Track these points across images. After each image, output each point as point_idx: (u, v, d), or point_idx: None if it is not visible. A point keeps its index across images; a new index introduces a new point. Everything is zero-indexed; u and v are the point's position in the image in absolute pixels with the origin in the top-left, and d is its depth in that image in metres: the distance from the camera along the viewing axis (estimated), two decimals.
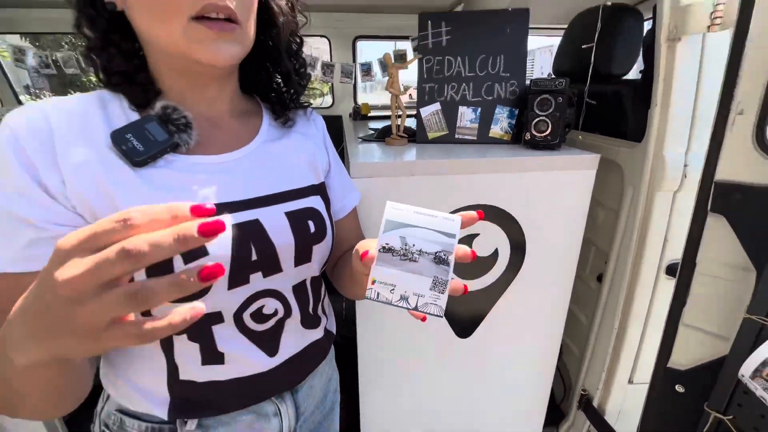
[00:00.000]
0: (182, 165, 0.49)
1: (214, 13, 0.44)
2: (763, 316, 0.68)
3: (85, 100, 0.48)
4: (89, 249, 0.25)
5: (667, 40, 0.84)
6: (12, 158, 0.41)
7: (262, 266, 0.51)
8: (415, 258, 0.38)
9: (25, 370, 0.32)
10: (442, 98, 1.11)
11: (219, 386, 0.53)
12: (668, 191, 0.90)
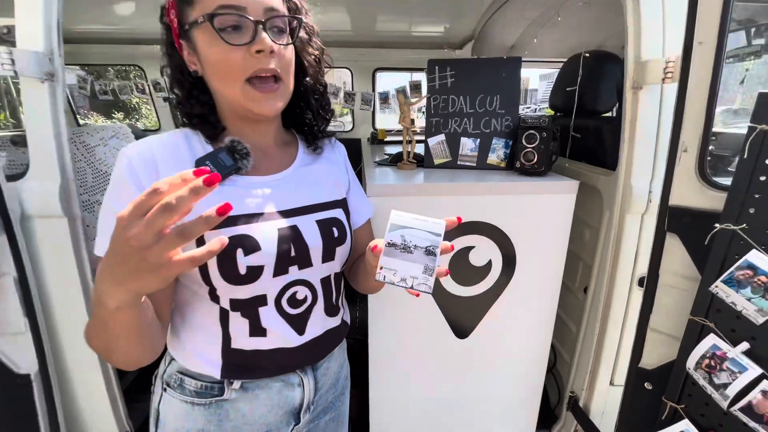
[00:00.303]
0: (242, 183, 0.68)
1: (265, 74, 0.63)
2: (703, 317, 0.82)
3: (175, 136, 0.68)
4: (139, 215, 0.38)
5: (631, 88, 1.02)
6: (128, 178, 0.60)
7: (298, 261, 0.69)
8: (412, 250, 0.55)
9: (116, 311, 0.45)
10: (447, 130, 1.30)
11: (260, 355, 0.70)
12: (636, 214, 1.05)
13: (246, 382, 0.71)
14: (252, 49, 0.59)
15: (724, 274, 0.76)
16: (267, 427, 0.73)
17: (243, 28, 0.59)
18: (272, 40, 0.60)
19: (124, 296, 0.44)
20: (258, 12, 0.59)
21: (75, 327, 1.06)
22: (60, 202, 0.96)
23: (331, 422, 0.85)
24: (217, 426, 0.70)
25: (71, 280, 1.02)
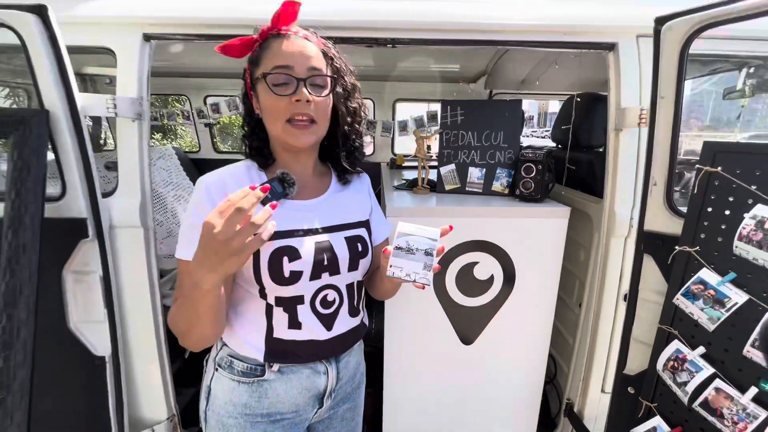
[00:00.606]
0: (288, 206, 0.88)
1: (300, 117, 0.82)
2: (669, 325, 0.96)
3: (240, 167, 0.89)
4: (221, 218, 0.58)
5: (614, 130, 1.19)
6: (206, 200, 0.81)
7: (329, 269, 0.87)
8: (414, 252, 0.73)
9: (207, 292, 0.64)
10: (457, 161, 1.49)
11: (295, 344, 0.87)
12: (620, 237, 1.21)
13: (283, 366, 0.87)
14: (293, 99, 0.77)
15: (683, 288, 0.91)
16: (296, 407, 0.89)
17: (289, 83, 0.78)
18: (310, 93, 0.79)
19: (215, 279, 0.64)
20: (302, 71, 0.78)
21: (141, 319, 1.27)
22: (139, 216, 1.19)
23: (348, 412, 1.00)
24: (257, 402, 0.86)
25: (141, 280, 1.24)
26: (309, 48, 0.78)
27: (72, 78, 1.02)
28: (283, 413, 0.88)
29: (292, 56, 0.76)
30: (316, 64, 0.79)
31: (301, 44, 0.78)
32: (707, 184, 0.88)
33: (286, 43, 0.77)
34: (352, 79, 0.90)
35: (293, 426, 0.90)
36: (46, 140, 1.00)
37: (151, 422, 1.35)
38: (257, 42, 0.81)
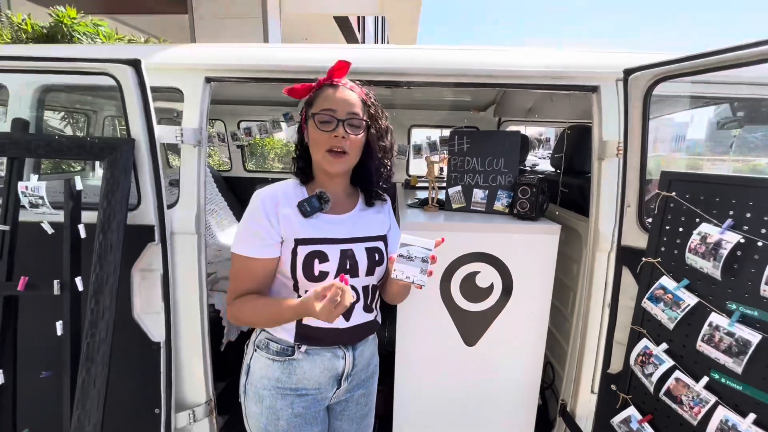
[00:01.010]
0: (323, 218, 1.09)
1: (336, 148, 1.04)
2: (639, 325, 1.13)
3: (287, 184, 1.11)
4: (320, 297, 0.87)
5: (597, 159, 1.39)
6: (261, 210, 1.03)
7: (350, 272, 1.07)
8: (413, 259, 0.94)
9: (291, 317, 0.94)
10: (463, 183, 1.71)
11: (320, 330, 1.06)
12: (604, 252, 1.38)
13: (309, 348, 1.06)
14: (332, 134, 1.00)
15: (648, 293, 1.08)
16: (318, 385, 1.07)
17: (331, 122, 1.00)
18: (346, 131, 1.01)
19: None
20: (343, 114, 1.00)
21: (189, 313, 1.49)
22: (195, 225, 1.43)
23: (362, 397, 1.19)
24: (287, 377, 1.05)
25: (192, 279, 1.47)
26: (351, 97, 1.01)
27: (153, 113, 1.29)
28: (308, 389, 1.06)
29: (336, 102, 0.99)
30: (355, 110, 1.01)
31: (346, 94, 1.01)
32: (665, 206, 1.06)
33: (335, 91, 1.01)
34: (386, 122, 1.11)
35: (315, 402, 1.08)
36: (132, 162, 1.27)
37: (191, 404, 1.55)
38: (315, 88, 1.05)
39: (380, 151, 1.10)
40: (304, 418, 1.06)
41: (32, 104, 1.44)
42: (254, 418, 1.06)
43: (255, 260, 1.00)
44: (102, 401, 1.16)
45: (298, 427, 1.05)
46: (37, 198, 1.22)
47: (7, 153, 1.21)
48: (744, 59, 0.91)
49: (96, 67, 1.19)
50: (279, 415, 1.04)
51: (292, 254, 1.01)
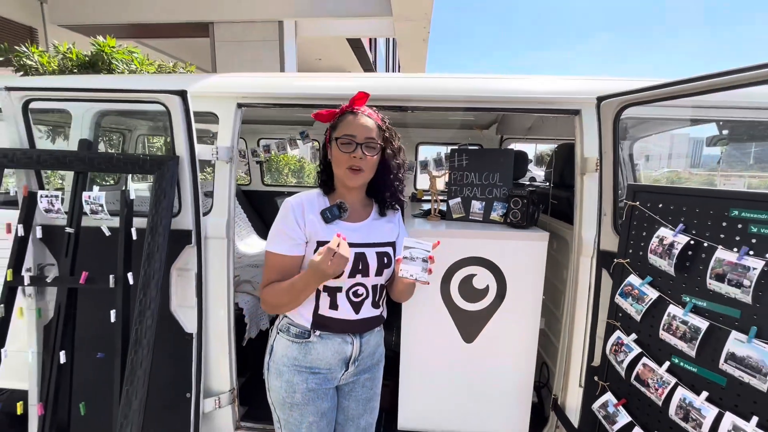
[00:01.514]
0: (341, 225, 1.28)
1: (355, 167, 1.24)
2: (613, 319, 1.28)
3: (312, 194, 1.31)
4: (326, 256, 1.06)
5: (579, 174, 1.56)
6: (291, 215, 1.23)
7: (362, 272, 1.25)
8: (415, 259, 1.12)
9: (311, 291, 1.14)
10: (462, 195, 1.89)
11: (332, 320, 1.23)
12: (587, 256, 1.54)
13: (323, 334, 1.22)
14: (351, 155, 1.20)
15: (619, 289, 1.24)
16: (329, 366, 1.23)
17: (351, 145, 1.20)
18: (364, 152, 1.20)
19: (317, 285, 1.12)
20: (361, 138, 1.19)
21: (218, 308, 1.69)
22: (225, 230, 1.65)
23: (367, 381, 1.34)
24: (303, 356, 1.21)
25: (222, 278, 1.67)
26: (369, 123, 1.20)
27: (194, 135, 1.52)
28: (320, 368, 1.22)
29: (356, 128, 1.18)
30: (371, 134, 1.20)
31: (365, 120, 1.20)
32: (631, 214, 1.23)
33: (355, 118, 1.20)
34: (398, 143, 1.30)
35: (326, 380, 1.24)
36: (176, 176, 1.49)
37: (217, 392, 1.74)
38: (338, 114, 1.26)
39: (394, 168, 1.29)
40: (316, 393, 1.22)
41: (91, 126, 1.70)
42: (275, 391, 1.22)
43: (285, 257, 1.19)
44: (147, 380, 1.36)
45: (311, 401, 1.21)
46: (97, 206, 1.45)
47: (74, 168, 1.45)
48: (694, 89, 1.09)
49: (151, 96, 1.43)
50: (295, 388, 1.20)
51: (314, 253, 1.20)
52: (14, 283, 1.43)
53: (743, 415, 0.96)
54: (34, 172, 1.51)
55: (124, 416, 1.29)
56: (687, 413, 1.05)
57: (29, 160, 1.44)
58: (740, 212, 0.98)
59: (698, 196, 1.06)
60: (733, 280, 0.96)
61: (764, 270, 0.92)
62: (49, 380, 1.41)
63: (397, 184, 1.31)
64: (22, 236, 1.45)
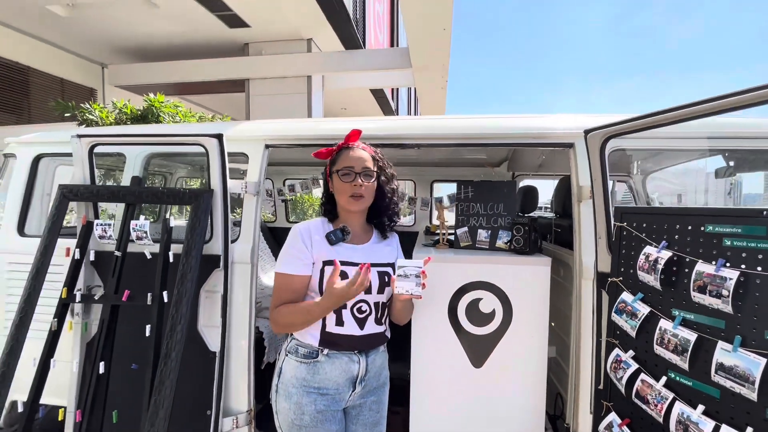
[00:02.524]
0: (345, 247, 1.42)
1: (355, 194, 1.38)
2: (612, 337, 1.32)
3: (318, 221, 1.47)
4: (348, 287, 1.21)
5: (576, 202, 1.66)
6: (299, 238, 1.38)
7: (365, 289, 1.38)
8: (409, 276, 1.23)
9: (325, 313, 1.25)
10: (469, 225, 2.01)
11: (339, 336, 1.33)
12: (588, 280, 1.59)
13: (330, 352, 1.30)
14: (352, 184, 1.36)
15: (614, 307, 1.29)
16: (337, 386, 1.30)
17: (350, 175, 1.37)
18: (362, 181, 1.36)
19: (331, 309, 1.24)
20: (359, 168, 1.36)
21: (240, 329, 1.82)
22: (250, 256, 1.82)
23: (374, 404, 1.41)
24: (312, 377, 1.28)
25: (245, 300, 1.82)
26: (364, 155, 1.38)
27: (227, 171, 1.75)
28: (328, 388, 1.29)
29: (353, 160, 1.36)
30: (367, 165, 1.37)
31: (360, 153, 1.38)
32: (620, 235, 1.31)
33: (351, 152, 1.38)
34: (392, 170, 1.47)
35: (334, 402, 1.31)
36: (210, 206, 1.70)
37: (235, 411, 1.82)
38: (335, 151, 1.45)
39: (389, 193, 1.45)
40: (325, 415, 1.27)
41: (141, 167, 1.97)
42: (283, 413, 1.28)
43: (294, 277, 1.32)
44: (173, 391, 1.48)
45: (320, 423, 1.26)
46: (142, 233, 1.67)
47: (127, 200, 1.69)
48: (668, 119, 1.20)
49: (194, 139, 1.68)
50: (304, 410, 1.26)
51: (320, 273, 1.33)
52: (67, 300, 1.63)
53: (738, 427, 0.98)
54: (92, 204, 1.76)
55: (151, 424, 1.40)
56: (686, 428, 1.07)
57: (91, 194, 1.70)
58: (714, 227, 1.05)
59: (677, 215, 1.15)
60: (713, 291, 1.02)
61: (740, 280, 0.98)
62: (87, 389, 1.56)
63: (393, 206, 1.46)
64: (77, 259, 1.67)
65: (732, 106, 0.99)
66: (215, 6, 6.52)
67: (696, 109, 1.03)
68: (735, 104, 0.98)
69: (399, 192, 1.51)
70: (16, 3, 5.92)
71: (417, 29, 6.32)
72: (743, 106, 0.99)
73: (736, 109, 1.02)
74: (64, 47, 7.71)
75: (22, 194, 2.08)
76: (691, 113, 1.08)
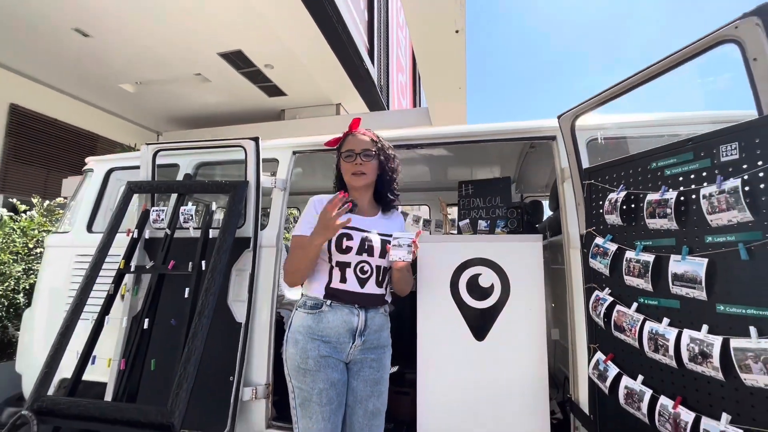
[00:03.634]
0: (353, 216, 1.67)
1: (357, 171, 1.65)
2: (590, 283, 1.45)
3: (331, 196, 1.75)
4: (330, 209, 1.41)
5: (561, 183, 1.87)
6: (313, 207, 1.63)
7: (368, 252, 1.56)
8: (402, 246, 1.43)
9: (317, 246, 1.41)
10: (470, 217, 2.22)
11: (342, 291, 1.50)
12: (576, 249, 1.73)
13: (333, 303, 1.44)
14: (354, 163, 1.64)
15: (589, 252, 1.44)
16: (338, 335, 1.41)
17: (352, 156, 1.65)
18: (362, 159, 1.63)
19: (322, 240, 1.42)
20: (359, 149, 1.62)
21: (264, 304, 2.04)
22: (276, 240, 2.10)
23: (374, 362, 1.48)
24: (316, 325, 1.41)
25: (269, 278, 2.06)
26: (364, 139, 1.65)
27: (261, 167, 2.11)
28: (330, 336, 1.42)
29: (354, 143, 1.63)
30: (367, 146, 1.62)
31: (360, 137, 1.65)
32: (589, 190, 1.50)
33: (353, 137, 1.66)
34: (391, 151, 1.76)
35: (335, 351, 1.42)
36: (245, 195, 2.04)
37: (255, 383, 1.97)
38: (342, 139, 1.76)
39: (389, 171, 1.71)
40: (327, 361, 1.39)
41: (192, 174, 2.38)
42: (291, 358, 1.42)
43: (306, 237, 1.56)
44: (203, 344, 1.68)
45: (322, 368, 1.38)
46: (189, 216, 2.00)
47: (179, 191, 2.06)
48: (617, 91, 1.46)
49: (236, 142, 2.08)
50: (308, 354, 1.38)
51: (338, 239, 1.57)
52: (124, 271, 1.94)
53: (697, 328, 1.08)
54: (150, 195, 2.14)
55: (183, 368, 1.60)
56: (656, 342, 1.17)
57: (151, 187, 2.09)
58: (657, 163, 1.25)
59: (629, 161, 1.35)
60: (660, 212, 1.19)
61: (680, 199, 1.16)
62: (132, 342, 1.79)
63: (393, 182, 1.69)
64: (135, 238, 2.01)
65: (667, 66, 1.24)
66: (258, 79, 7.56)
67: (636, 78, 1.29)
68: (668, 64, 1.23)
69: (399, 169, 1.76)
70: (93, 82, 7.15)
71: (434, 89, 7.03)
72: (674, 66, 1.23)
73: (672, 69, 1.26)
74: (127, 117, 8.97)
75: (94, 199, 2.52)
76: (632, 82, 1.34)
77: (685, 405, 1.10)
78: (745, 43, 1.05)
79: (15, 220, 3.51)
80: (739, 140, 1.04)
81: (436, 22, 4.84)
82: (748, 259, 0.99)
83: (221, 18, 5.38)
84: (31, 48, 5.89)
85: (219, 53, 6.38)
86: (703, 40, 1.12)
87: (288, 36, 6.01)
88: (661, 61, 1.21)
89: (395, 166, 1.73)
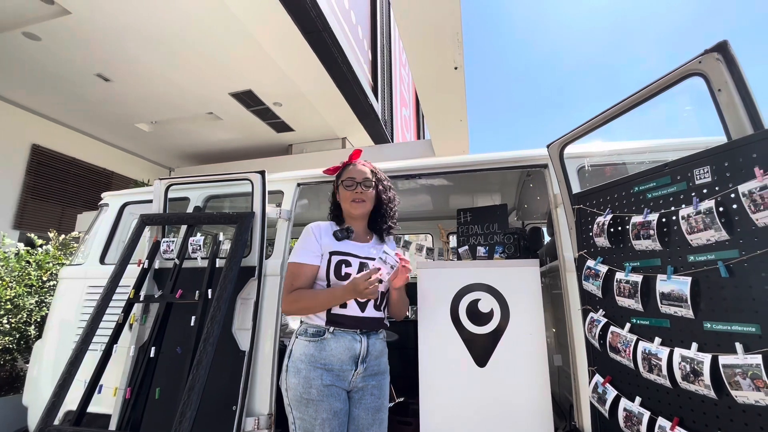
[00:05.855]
0: (349, 243, 1.72)
1: (357, 199, 1.73)
2: (586, 305, 1.48)
3: (328, 222, 1.82)
4: (363, 282, 1.45)
5: (554, 208, 1.93)
6: (311, 233, 1.70)
7: None
8: (386, 263, 1.47)
9: (341, 301, 1.47)
10: (469, 244, 2.27)
11: (343, 317, 1.55)
12: (572, 272, 1.77)
13: (336, 330, 1.45)
14: (354, 191, 1.72)
15: (582, 274, 1.48)
16: (341, 363, 1.42)
17: (352, 185, 1.73)
18: (362, 189, 1.72)
19: (350, 298, 1.47)
20: (360, 178, 1.71)
21: (267, 332, 2.07)
22: (279, 270, 2.16)
23: (375, 389, 1.48)
24: (319, 353, 1.41)
25: (273, 307, 2.11)
26: (364, 169, 1.75)
27: (266, 198, 2.21)
28: (333, 364, 1.41)
29: (355, 173, 1.71)
30: (366, 176, 1.71)
31: (360, 168, 1.75)
32: (579, 214, 1.56)
33: (353, 167, 1.76)
34: (388, 182, 1.85)
35: (338, 379, 1.41)
36: (251, 225, 2.13)
37: (257, 413, 1.96)
38: (341, 168, 1.86)
39: (385, 201, 1.77)
40: (330, 390, 1.38)
41: (202, 206, 2.49)
42: (293, 389, 1.38)
43: (305, 266, 1.51)
44: (207, 372, 1.71)
45: (326, 397, 1.36)
46: (197, 247, 2.09)
47: (188, 222, 2.16)
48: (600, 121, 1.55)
49: (244, 175, 2.20)
50: (312, 384, 1.36)
51: (327, 262, 1.58)
52: (134, 300, 2.00)
53: (687, 345, 1.10)
54: (161, 228, 2.24)
55: (187, 396, 1.62)
56: (649, 362, 1.18)
57: (162, 219, 2.19)
58: (639, 187, 1.32)
59: (614, 186, 1.42)
60: (644, 234, 1.24)
61: (661, 221, 1.21)
62: (138, 370, 1.82)
63: (390, 212, 1.75)
64: (146, 268, 2.09)
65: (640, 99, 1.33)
66: (267, 116, 7.90)
67: (613, 110, 1.38)
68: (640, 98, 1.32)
69: (395, 200, 1.83)
70: (111, 122, 7.53)
71: (436, 123, 7.27)
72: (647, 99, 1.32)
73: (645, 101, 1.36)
74: (142, 155, 9.34)
75: (108, 232, 2.63)
76: (615, 111, 1.43)
77: (683, 425, 1.10)
78: (709, 75, 1.14)
79: (31, 254, 3.64)
80: (710, 164, 1.11)
81: (436, 61, 5.09)
82: (728, 277, 1.02)
83: (233, 61, 5.72)
84: (55, 92, 6.29)
85: (230, 93, 6.72)
86: (670, 75, 1.22)
87: (296, 76, 6.34)
88: (633, 95, 1.30)
89: (392, 197, 1.81)
